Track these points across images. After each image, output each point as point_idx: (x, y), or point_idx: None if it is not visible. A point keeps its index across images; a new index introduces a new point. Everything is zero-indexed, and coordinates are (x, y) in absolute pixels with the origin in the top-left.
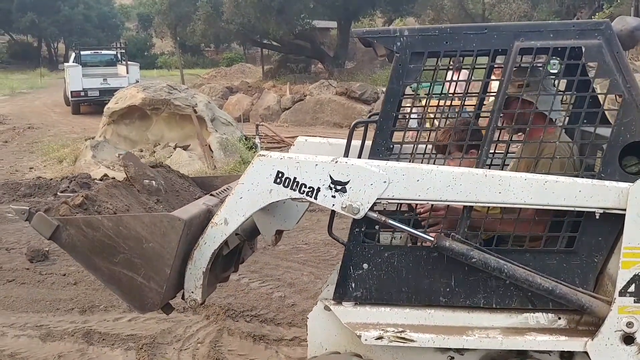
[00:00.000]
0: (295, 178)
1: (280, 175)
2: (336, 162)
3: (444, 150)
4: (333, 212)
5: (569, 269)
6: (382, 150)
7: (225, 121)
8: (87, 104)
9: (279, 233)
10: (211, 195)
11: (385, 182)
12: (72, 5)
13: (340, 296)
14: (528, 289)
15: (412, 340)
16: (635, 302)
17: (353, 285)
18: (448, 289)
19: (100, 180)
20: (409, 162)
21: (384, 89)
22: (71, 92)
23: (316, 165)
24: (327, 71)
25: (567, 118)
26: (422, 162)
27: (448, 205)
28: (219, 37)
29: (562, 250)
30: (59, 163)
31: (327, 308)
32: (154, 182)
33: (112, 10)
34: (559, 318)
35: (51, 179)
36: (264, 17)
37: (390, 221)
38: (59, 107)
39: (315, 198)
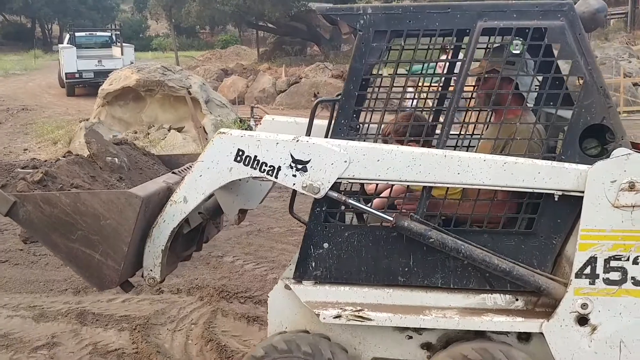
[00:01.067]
0: (256, 156)
1: (240, 153)
2: (297, 140)
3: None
4: (295, 191)
5: (527, 250)
6: (344, 129)
7: (220, 103)
8: (82, 86)
9: (243, 212)
10: (173, 173)
11: (346, 161)
12: None
13: (301, 275)
14: (486, 270)
15: (369, 319)
16: (590, 284)
17: (313, 264)
18: (407, 269)
19: (64, 157)
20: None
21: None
22: (66, 73)
23: (277, 143)
24: (323, 54)
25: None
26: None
27: (408, 186)
28: (214, 18)
29: (521, 231)
30: (53, 144)
31: (287, 287)
32: (116, 159)
33: None
34: (517, 299)
35: (45, 161)
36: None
37: (351, 201)
38: (53, 88)
39: (276, 177)
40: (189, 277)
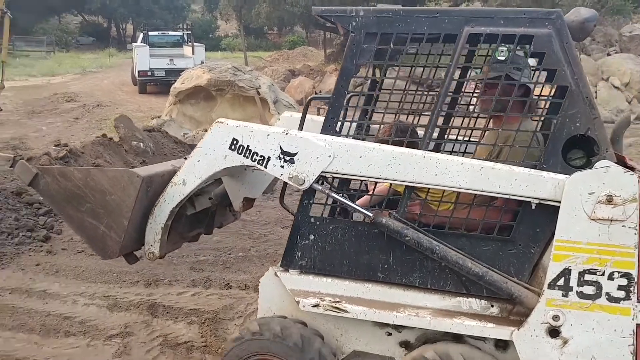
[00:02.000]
0: (248, 146)
1: (235, 142)
2: (286, 133)
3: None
4: (285, 182)
5: (504, 257)
6: (333, 126)
7: (287, 104)
8: (154, 84)
9: (248, 201)
10: (185, 158)
11: (330, 156)
12: None
13: (287, 264)
14: (461, 273)
15: (345, 311)
16: (563, 295)
17: (299, 254)
18: (386, 266)
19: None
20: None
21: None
22: (138, 71)
23: (268, 135)
24: None
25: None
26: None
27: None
28: (283, 19)
29: (499, 238)
30: None
31: (275, 274)
32: (141, 144)
33: None
34: (492, 305)
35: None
36: (329, 0)
37: (334, 194)
38: (126, 86)
39: (266, 167)
40: (256, 274)
